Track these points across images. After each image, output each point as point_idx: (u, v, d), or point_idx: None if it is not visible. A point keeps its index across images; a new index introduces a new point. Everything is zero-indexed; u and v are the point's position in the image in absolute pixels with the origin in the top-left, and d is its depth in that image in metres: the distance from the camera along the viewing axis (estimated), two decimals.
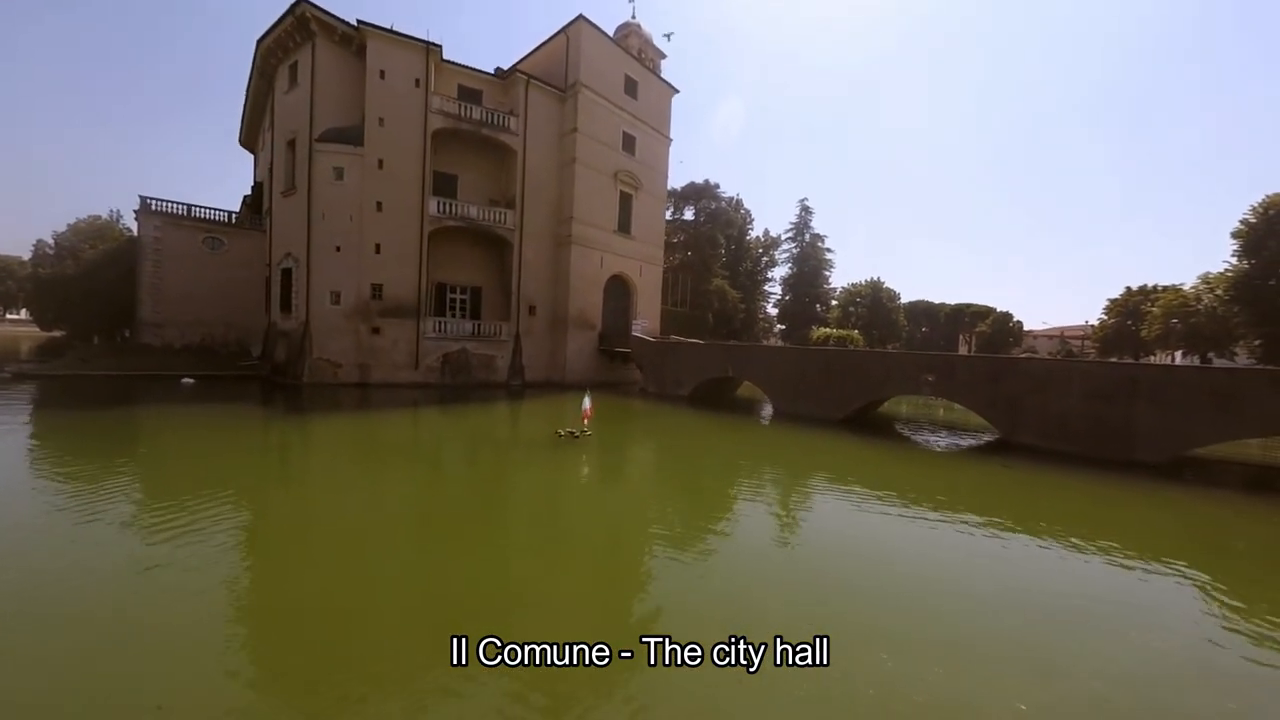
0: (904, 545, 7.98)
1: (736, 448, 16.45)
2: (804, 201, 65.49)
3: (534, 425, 19.42)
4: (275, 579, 5.90)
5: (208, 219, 29.97)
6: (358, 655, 4.43)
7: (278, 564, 6.28)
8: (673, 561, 6.87)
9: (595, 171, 29.60)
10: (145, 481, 9.32)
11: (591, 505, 9.73)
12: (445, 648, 4.51)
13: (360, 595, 5.49)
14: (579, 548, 7.42)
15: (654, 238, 34.78)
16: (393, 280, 24.70)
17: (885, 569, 7.00)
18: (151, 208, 27.99)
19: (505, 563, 6.70)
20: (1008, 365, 17.24)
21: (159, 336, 28.12)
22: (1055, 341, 76.71)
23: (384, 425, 17.08)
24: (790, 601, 5.97)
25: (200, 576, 5.67)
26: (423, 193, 24.85)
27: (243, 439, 13.83)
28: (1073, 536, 8.41)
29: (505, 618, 5.24)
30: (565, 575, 6.53)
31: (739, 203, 60.91)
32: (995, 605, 6.05)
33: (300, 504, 8.67)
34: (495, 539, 7.56)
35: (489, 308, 28.83)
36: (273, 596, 5.50)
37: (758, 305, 65.13)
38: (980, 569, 7.16)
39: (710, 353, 25.87)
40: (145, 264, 27.89)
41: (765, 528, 8.75)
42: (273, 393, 22.61)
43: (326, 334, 24.05)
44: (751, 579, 6.56)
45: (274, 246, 27.03)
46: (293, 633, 4.79)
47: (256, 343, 29.56)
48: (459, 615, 5.20)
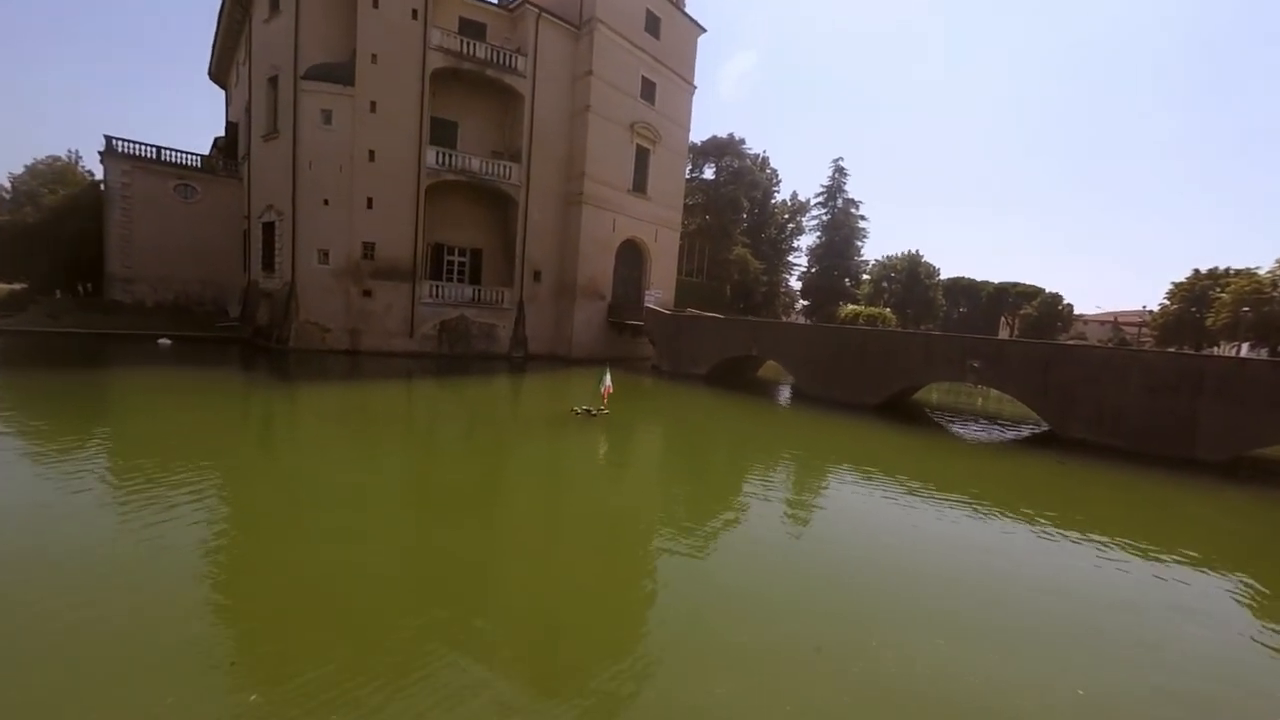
0: (947, 538, 8.42)
1: (764, 433, 16.88)
2: (838, 162, 64.35)
3: (543, 401, 19.85)
4: (258, 558, 6.14)
5: (179, 163, 29.83)
6: (344, 641, 4.69)
7: (261, 542, 6.50)
8: (695, 552, 7.29)
9: (610, 122, 29.23)
10: (123, 451, 9.67)
11: (608, 489, 10.12)
12: (440, 635, 4.84)
13: (350, 580, 5.71)
14: (592, 535, 7.76)
15: (672, 199, 34.53)
16: (386, 239, 24.79)
17: (931, 562, 7.43)
18: (118, 149, 27.88)
19: (511, 551, 7.01)
20: (1062, 352, 17.46)
21: (129, 293, 28.43)
22: (1108, 328, 76.41)
23: (377, 397, 17.50)
24: (828, 587, 6.42)
25: (180, 554, 5.95)
26: (420, 141, 24.68)
27: (226, 407, 14.26)
28: (1133, 538, 8.82)
29: (508, 608, 5.58)
30: (578, 563, 6.89)
31: (765, 161, 60.02)
32: (1046, 599, 6.49)
33: (286, 480, 8.93)
34: (501, 525, 7.89)
35: (490, 272, 28.94)
36: (255, 575, 5.75)
37: (780, 277, 64.90)
38: (1029, 564, 7.59)
39: (733, 329, 26.08)
40: (113, 212, 27.98)
41: (800, 520, 9.18)
42: (256, 357, 23.06)
43: (314, 295, 24.31)
44: (786, 572, 6.99)
45: (253, 197, 27.02)
46: (275, 615, 5.05)
47: (235, 302, 29.86)
48: (457, 603, 5.52)
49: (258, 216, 26.48)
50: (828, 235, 65.11)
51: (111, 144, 27.76)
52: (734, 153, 55.66)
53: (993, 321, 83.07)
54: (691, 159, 51.55)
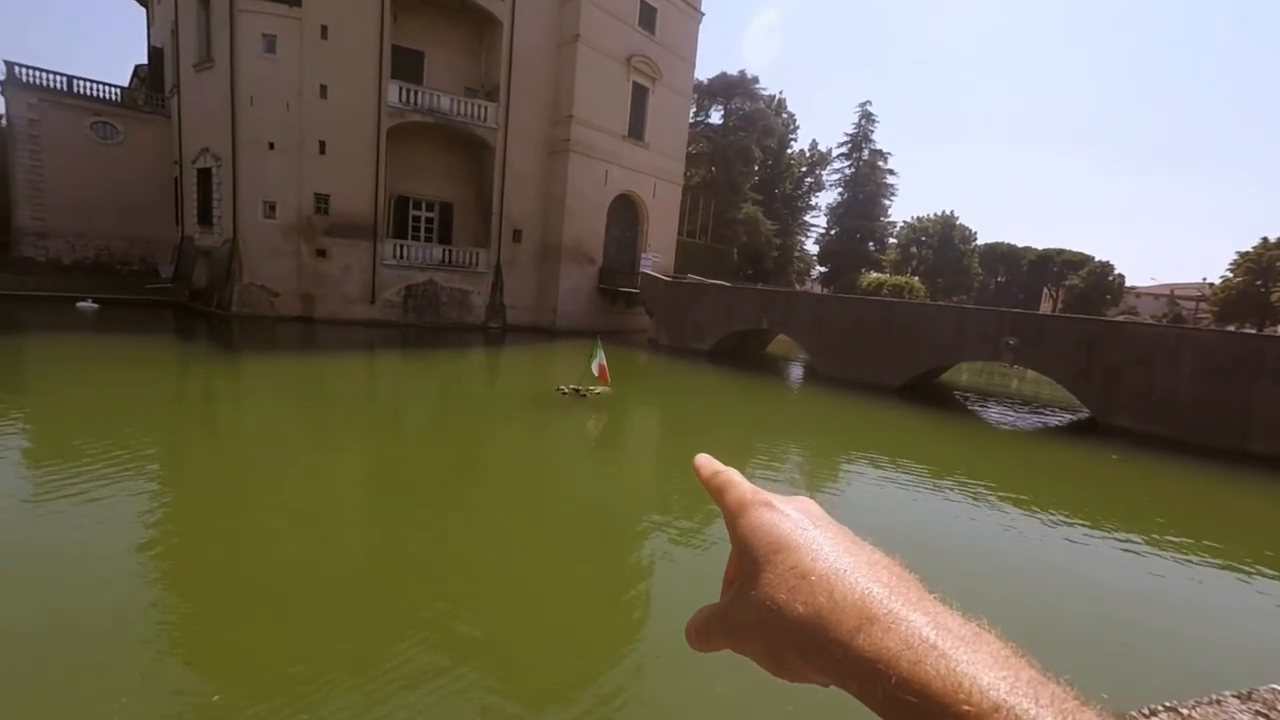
0: (972, 534, 8.74)
1: (773, 417, 17.15)
2: (865, 106, 63.47)
3: (525, 379, 19.99)
4: (210, 550, 6.28)
5: (95, 96, 28.94)
6: (308, 640, 4.84)
7: (213, 534, 6.63)
8: (694, 546, 7.54)
9: (603, 55, 28.59)
10: (47, 434, 9.68)
11: (599, 478, 10.35)
12: (414, 635, 5.00)
13: (313, 575, 5.85)
14: (582, 528, 7.99)
15: (673, 147, 34.10)
16: (342, 190, 24.43)
17: (952, 560, 7.74)
18: (21, 78, 26.97)
19: (492, 544, 7.19)
20: (1109, 330, 17.74)
21: (43, 249, 27.92)
22: (1162, 302, 77.13)
23: (335, 372, 17.57)
24: None
25: (122, 546, 6.07)
26: (380, 75, 24.09)
27: (162, 382, 14.27)
28: (1188, 538, 9.18)
29: (490, 605, 5.78)
30: (566, 558, 7.12)
31: (780, 104, 59.13)
32: (1083, 606, 6.82)
33: (236, 467, 9.04)
34: (480, 516, 8.07)
35: (463, 230, 28.67)
36: (208, 569, 5.89)
37: (795, 240, 64.74)
38: (1061, 565, 7.93)
39: (742, 298, 26.17)
40: (19, 155, 27.21)
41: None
42: (193, 324, 22.99)
43: (260, 254, 24.06)
44: None
45: (185, 138, 26.41)
46: (233, 611, 5.21)
47: (167, 261, 29.48)
48: (433, 601, 5.70)
49: (191, 161, 25.94)
50: (850, 192, 64.65)
51: (13, 71, 26.80)
52: (745, 93, 54.72)
53: (1034, 293, 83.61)
54: (696, 100, 50.63)
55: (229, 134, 23.58)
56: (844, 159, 65.25)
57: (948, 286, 65.02)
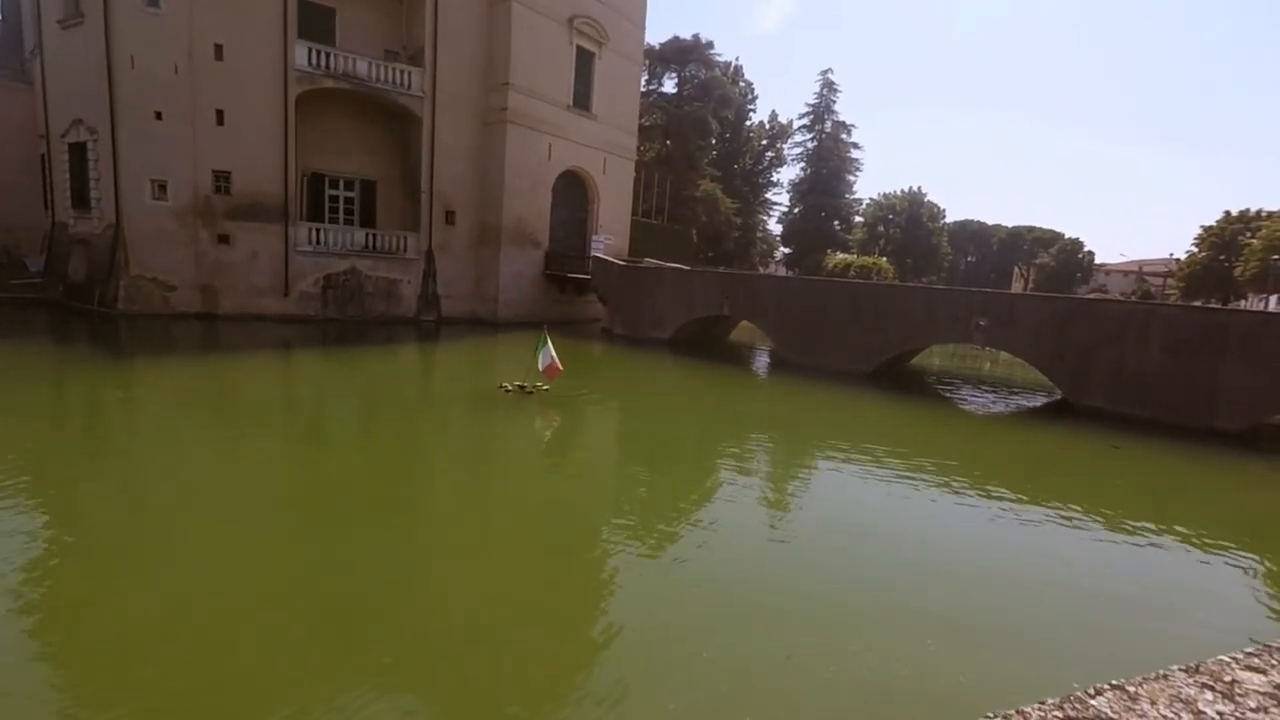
0: (948, 527, 9.07)
1: (737, 409, 17.36)
2: (827, 74, 64.91)
3: (464, 377, 19.62)
4: (87, 587, 5.90)
5: None
6: (196, 682, 4.61)
7: (95, 572, 6.24)
8: (654, 554, 7.56)
9: (541, 15, 28.12)
10: None
11: (550, 483, 10.25)
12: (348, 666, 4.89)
13: (209, 617, 5.54)
14: (531, 538, 7.92)
15: (624, 118, 33.93)
16: (246, 166, 23.28)
17: (927, 556, 8.02)
18: None
19: (434, 561, 7.07)
20: (1080, 308, 18.67)
21: None
22: (1131, 279, 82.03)
23: (244, 375, 16.79)
24: (806, 588, 6.83)
25: None
26: (284, 32, 23.01)
27: (33, 394, 13.25)
28: (1157, 523, 9.75)
29: (433, 625, 5.71)
30: (515, 572, 7.03)
31: (738, 71, 59.73)
32: (1061, 593, 7.16)
33: (126, 490, 8.54)
34: (420, 531, 7.93)
35: (388, 212, 27.81)
36: (90, 614, 5.51)
37: (757, 220, 65.70)
38: (1041, 554, 8.31)
39: (702, 283, 26.35)
40: None
41: (778, 513, 9.61)
42: (72, 324, 21.61)
43: (149, 242, 22.69)
44: (760, 572, 7.37)
45: (51, 108, 24.62)
46: (118, 660, 4.95)
47: (36, 252, 27.51)
48: (369, 629, 5.56)
49: (60, 135, 24.19)
50: (814, 167, 66.04)
51: None
52: (700, 59, 55.02)
53: (1005, 272, 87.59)
54: (647, 67, 50.53)
55: (106, 102, 22.05)
56: (805, 131, 66.53)
57: (917, 267, 67.37)
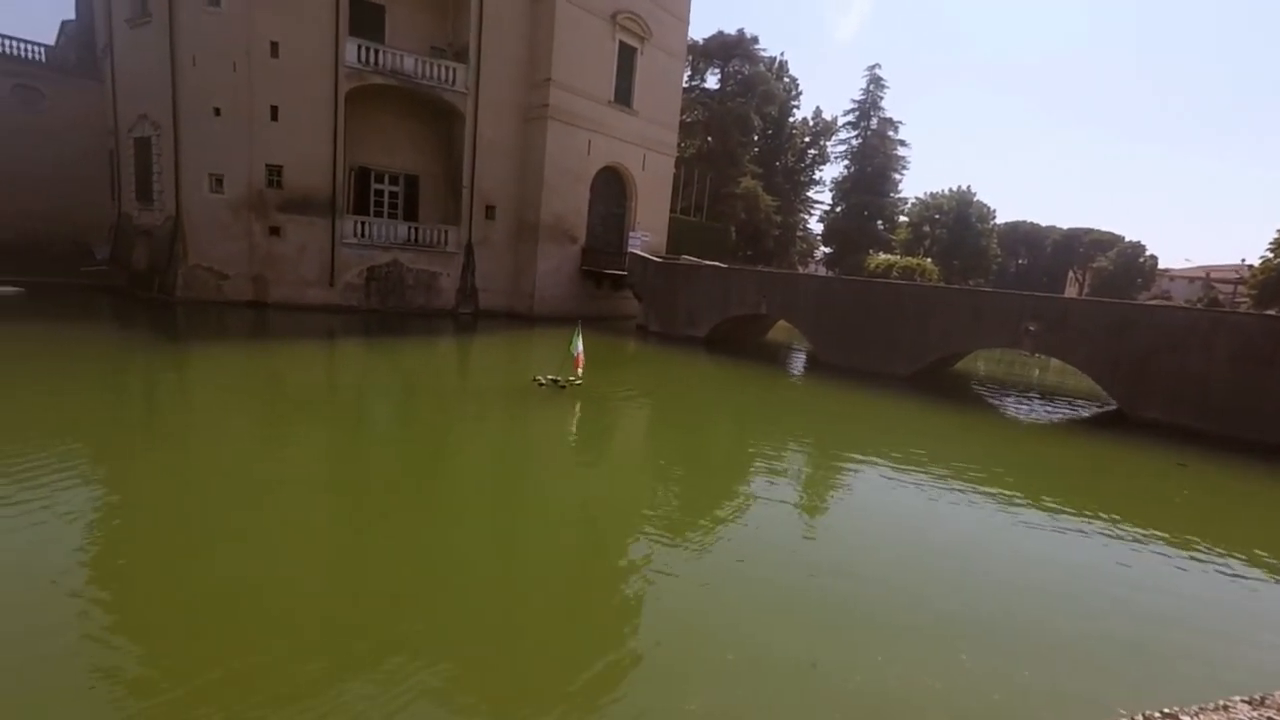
0: (984, 538, 8.57)
1: (771, 411, 16.96)
2: (874, 70, 63.07)
3: (499, 370, 19.71)
4: (144, 565, 6.12)
5: (16, 55, 28.16)
6: (245, 665, 4.67)
7: (149, 547, 6.46)
8: (681, 553, 7.32)
9: (584, 11, 28.04)
10: None
11: (579, 478, 10.12)
12: (376, 651, 4.91)
13: (260, 592, 5.71)
14: (559, 532, 7.83)
15: (665, 114, 33.61)
16: (297, 161, 23.88)
17: (963, 566, 7.58)
18: None
19: (461, 551, 7.04)
20: (1140, 314, 17.61)
21: None
22: (1198, 285, 77.45)
23: (292, 363, 17.23)
24: (835, 594, 6.49)
25: (44, 560, 5.88)
26: (336, 30, 23.49)
27: (97, 374, 13.87)
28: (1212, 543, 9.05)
29: (458, 615, 5.67)
30: (542, 565, 6.96)
31: (782, 67, 58.66)
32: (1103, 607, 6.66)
33: (179, 470, 8.80)
34: (449, 521, 7.91)
35: (430, 206, 28.18)
36: (139, 586, 5.73)
37: (798, 218, 64.55)
38: (1082, 570, 7.77)
39: (739, 281, 25.92)
40: None
41: (809, 516, 9.27)
42: (133, 310, 22.52)
43: (206, 233, 23.52)
44: (788, 576, 7.07)
45: (120, 104, 25.73)
46: (166, 633, 5.07)
47: (103, 241, 28.86)
48: (395, 616, 5.56)
49: (128, 130, 25.28)
50: (857, 165, 64.41)
51: None
52: (744, 54, 54.21)
53: (1058, 276, 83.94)
54: (690, 62, 50.08)
55: (169, 99, 22.94)
56: (850, 128, 64.93)
57: (964, 269, 65.01)
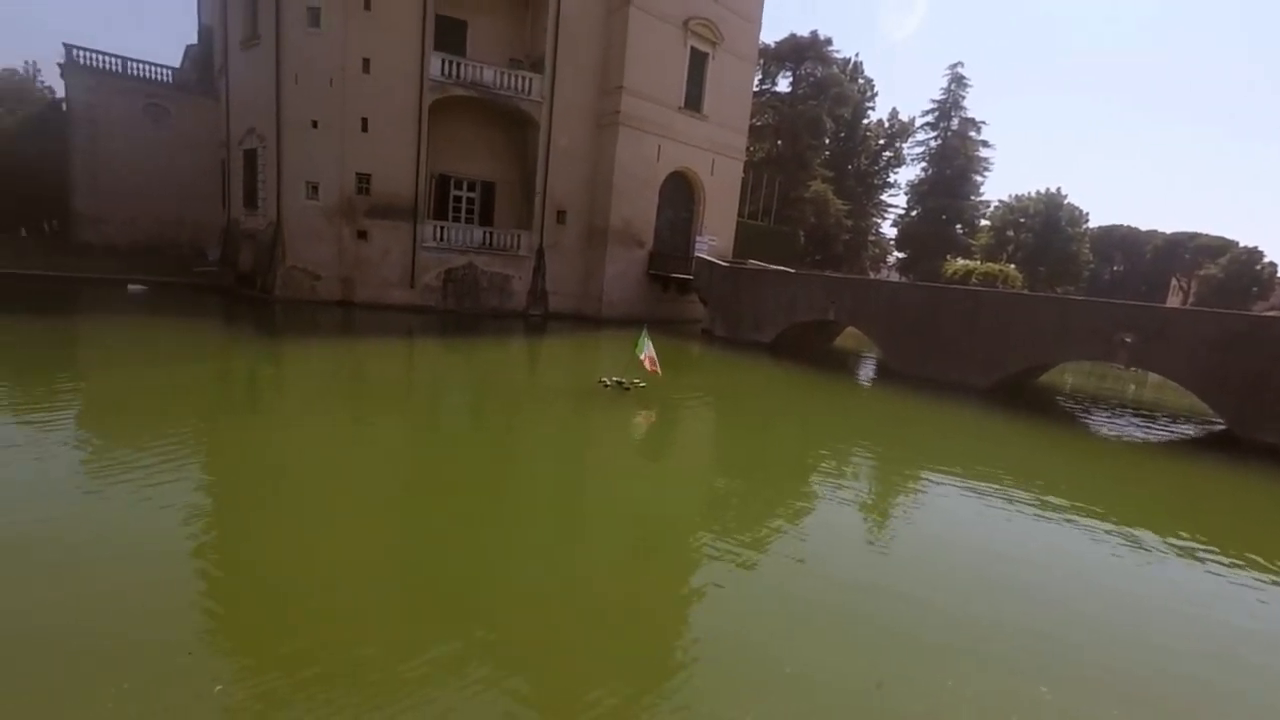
0: (1071, 564, 7.99)
1: (839, 419, 16.48)
2: (956, 69, 60.31)
3: (566, 370, 20.07)
4: (233, 541, 6.70)
5: (148, 78, 31.03)
6: (324, 642, 4.99)
7: (238, 525, 7.06)
8: (742, 562, 7.20)
9: (656, 18, 28.22)
10: (90, 416, 10.50)
11: (641, 480, 10.14)
12: (421, 640, 5.12)
13: (334, 572, 6.11)
14: (618, 533, 7.86)
15: (734, 118, 33.34)
16: (384, 169, 25.17)
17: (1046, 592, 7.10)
18: (79, 60, 29.21)
19: (522, 547, 7.16)
20: (1253, 326, 16.01)
21: (99, 233, 30.28)
22: None
23: (373, 359, 18.17)
24: (905, 614, 6.21)
25: (147, 530, 6.50)
26: (423, 46, 24.62)
27: (203, 367, 15.16)
28: None
29: (515, 614, 5.78)
30: (599, 565, 7.01)
31: (856, 68, 57.03)
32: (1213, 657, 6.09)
33: (269, 455, 9.49)
34: (511, 516, 8.10)
35: (505, 212, 29.05)
36: (228, 560, 6.26)
37: (870, 222, 62.53)
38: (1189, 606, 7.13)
39: (807, 286, 25.35)
40: (77, 138, 29.57)
41: (876, 530, 8.93)
42: (238, 307, 24.32)
43: (303, 237, 25.14)
44: (854, 592, 6.82)
45: (232, 119, 27.88)
46: (247, 605, 5.48)
47: (214, 244, 31.33)
48: (458, 607, 5.77)
49: (237, 143, 27.37)
50: (936, 168, 61.74)
51: (72, 55, 29.07)
52: (817, 56, 53.06)
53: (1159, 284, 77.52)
54: (761, 66, 49.45)
55: (274, 113, 24.70)
56: (929, 129, 62.32)
57: (1051, 275, 61.09)
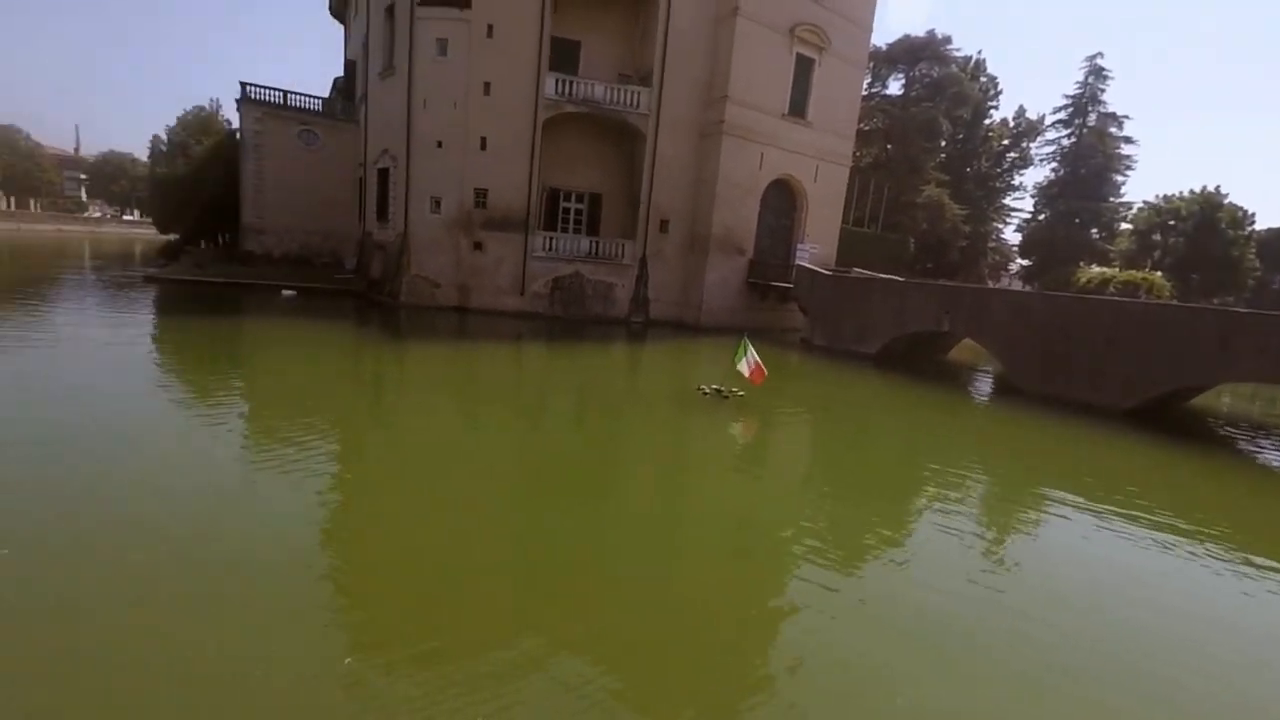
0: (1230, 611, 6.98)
1: (958, 438, 15.45)
2: (1094, 60, 54.88)
3: (666, 376, 20.24)
4: (362, 521, 7.41)
5: (302, 108, 34.75)
6: (444, 621, 5.44)
7: (367, 507, 7.80)
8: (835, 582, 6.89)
9: (764, 27, 27.88)
10: (252, 402, 12.14)
11: (736, 491, 10.00)
12: (518, 625, 5.43)
13: (451, 558, 6.63)
14: (710, 542, 7.82)
15: (841, 123, 32.22)
16: (499, 184, 26.59)
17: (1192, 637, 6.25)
18: (252, 96, 33.26)
19: (621, 549, 7.31)
20: None
21: (260, 243, 34.24)
22: None
23: (486, 361, 19.29)
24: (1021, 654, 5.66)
25: (287, 505, 7.33)
26: (538, 68, 25.80)
27: (340, 363, 16.94)
28: None
29: (614, 612, 5.94)
30: (691, 572, 7.03)
31: (979, 66, 53.33)
32: None
33: (393, 444, 10.46)
34: (611, 516, 8.30)
35: (610, 222, 29.72)
36: (358, 539, 6.96)
37: (990, 228, 58.14)
38: None
39: (918, 296, 23.97)
40: (247, 162, 33.66)
41: (992, 562, 8.30)
42: (368, 312, 26.57)
43: (425, 248, 27.10)
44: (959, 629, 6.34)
45: (370, 141, 30.58)
46: (375, 582, 6.05)
47: (350, 254, 34.47)
48: (564, 601, 6.03)
49: (373, 163, 29.98)
50: (1068, 167, 56.45)
51: (246, 91, 33.17)
52: (934, 56, 50.25)
53: None
54: (871, 69, 47.48)
55: (404, 135, 26.84)
56: (1061, 127, 57.08)
57: (1206, 285, 53.82)
